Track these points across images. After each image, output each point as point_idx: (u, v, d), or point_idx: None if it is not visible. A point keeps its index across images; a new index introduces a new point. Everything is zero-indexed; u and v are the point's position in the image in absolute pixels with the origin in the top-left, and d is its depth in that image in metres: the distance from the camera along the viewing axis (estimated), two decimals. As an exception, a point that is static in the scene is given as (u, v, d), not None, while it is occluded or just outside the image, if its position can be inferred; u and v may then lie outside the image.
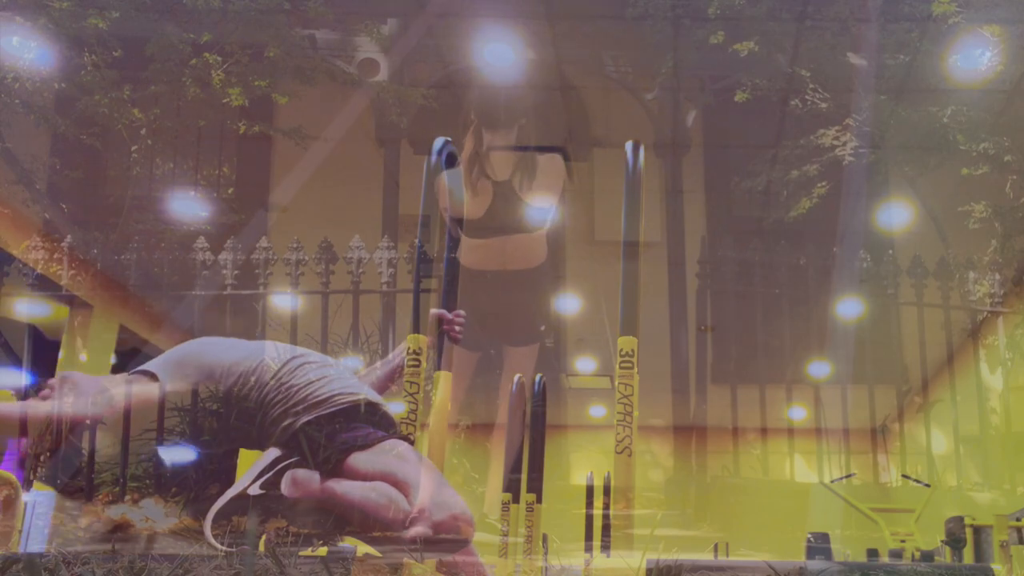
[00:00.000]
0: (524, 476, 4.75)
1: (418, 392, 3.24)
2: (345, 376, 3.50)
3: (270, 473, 3.22)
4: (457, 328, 3.51)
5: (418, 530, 2.96)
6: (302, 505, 3.13)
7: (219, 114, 8.79)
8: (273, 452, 3.29)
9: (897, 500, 7.13)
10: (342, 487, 3.07)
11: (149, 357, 7.98)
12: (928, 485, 7.48)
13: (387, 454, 3.11)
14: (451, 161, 3.79)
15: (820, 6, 8.72)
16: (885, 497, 7.66)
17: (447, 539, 3.00)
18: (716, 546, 5.76)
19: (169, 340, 7.80)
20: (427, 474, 3.07)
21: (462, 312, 3.47)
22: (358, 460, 3.09)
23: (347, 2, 8.90)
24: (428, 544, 2.94)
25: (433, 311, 3.68)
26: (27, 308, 7.44)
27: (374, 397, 3.44)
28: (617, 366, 3.13)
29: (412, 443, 3.18)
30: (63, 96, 8.54)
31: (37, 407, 3.71)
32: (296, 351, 3.66)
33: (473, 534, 3.07)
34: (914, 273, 8.25)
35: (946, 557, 5.44)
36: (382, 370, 3.71)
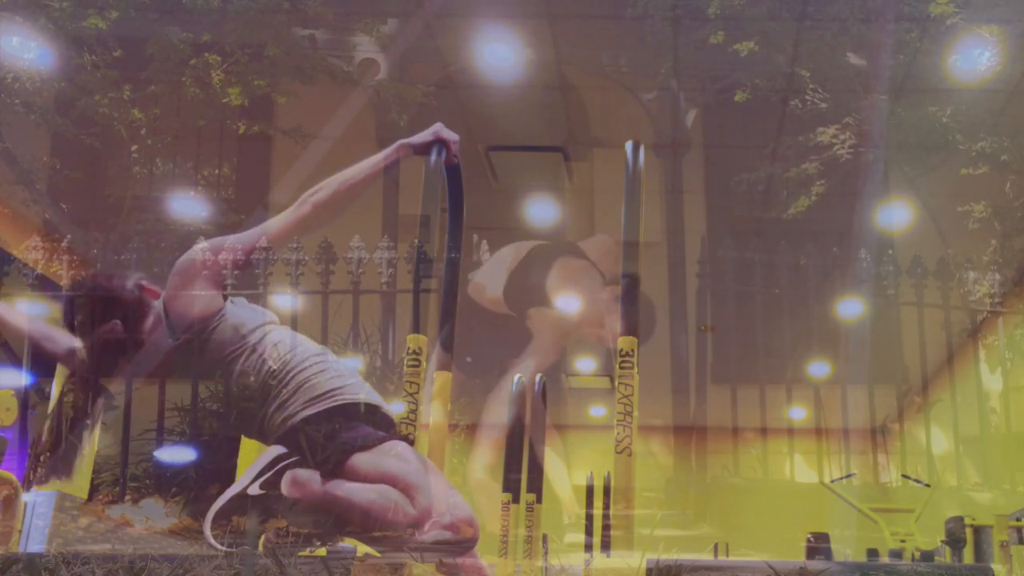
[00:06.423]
0: (524, 476, 4.76)
1: (418, 392, 3.23)
2: (345, 374, 3.48)
3: (270, 473, 3.21)
4: None
5: (436, 533, 2.95)
6: (302, 505, 3.12)
7: (219, 114, 8.80)
8: (273, 451, 3.28)
9: (897, 500, 7.12)
10: (344, 489, 3.06)
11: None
12: (928, 485, 7.47)
13: (388, 455, 3.10)
14: (451, 161, 3.78)
15: (820, 6, 8.72)
16: (885, 497, 7.65)
17: (453, 541, 2.99)
18: (716, 546, 5.76)
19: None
20: (430, 476, 3.06)
21: None
22: (359, 461, 3.08)
23: (347, 2, 8.90)
24: (433, 547, 2.93)
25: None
26: (27, 308, 7.43)
27: (374, 398, 3.42)
28: (617, 366, 3.13)
29: (412, 443, 3.17)
30: (63, 96, 8.54)
31: None
32: (297, 342, 3.62)
33: (478, 537, 3.06)
34: (914, 273, 8.24)
35: (946, 557, 5.43)
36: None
